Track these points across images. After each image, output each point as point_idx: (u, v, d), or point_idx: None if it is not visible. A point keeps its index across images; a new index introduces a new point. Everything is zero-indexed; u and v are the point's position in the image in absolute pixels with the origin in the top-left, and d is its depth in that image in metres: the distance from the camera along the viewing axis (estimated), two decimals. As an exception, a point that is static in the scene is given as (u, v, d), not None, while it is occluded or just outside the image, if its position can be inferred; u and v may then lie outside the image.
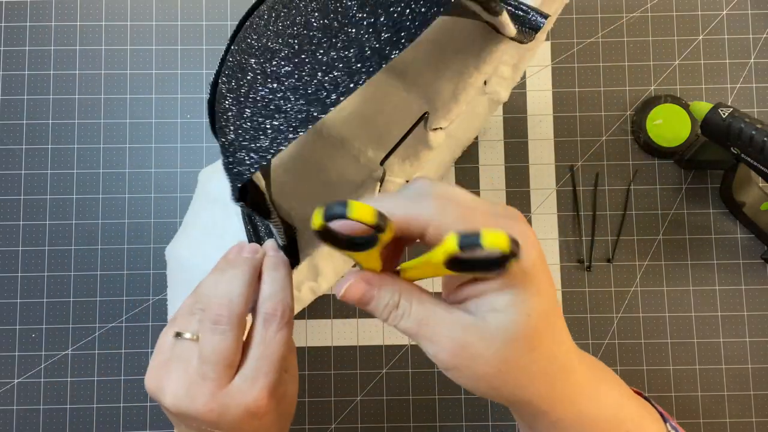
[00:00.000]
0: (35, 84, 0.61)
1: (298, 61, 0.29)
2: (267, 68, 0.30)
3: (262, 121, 0.29)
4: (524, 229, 0.29)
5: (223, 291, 0.32)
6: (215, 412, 0.31)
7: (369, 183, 0.41)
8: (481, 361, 0.28)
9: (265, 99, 0.30)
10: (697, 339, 0.59)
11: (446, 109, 0.41)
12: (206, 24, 0.62)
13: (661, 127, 0.59)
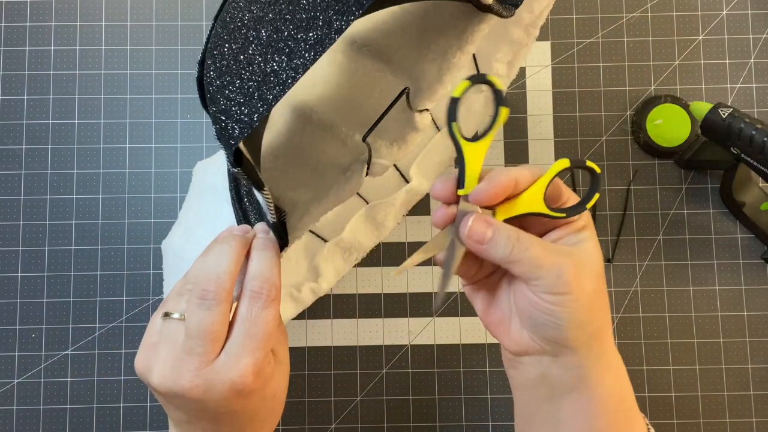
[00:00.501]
0: (35, 84, 0.61)
1: (279, 24, 0.31)
2: (250, 35, 0.32)
3: (250, 84, 0.31)
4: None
5: (209, 266, 0.32)
6: (201, 388, 0.31)
7: (357, 166, 0.42)
8: (587, 281, 0.32)
9: (250, 62, 0.31)
10: (697, 339, 0.59)
11: (431, 90, 0.41)
12: (206, 24, 0.62)
13: (661, 127, 0.59)
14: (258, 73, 0.31)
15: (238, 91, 0.31)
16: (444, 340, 0.59)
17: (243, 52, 0.31)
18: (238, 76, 0.31)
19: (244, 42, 0.32)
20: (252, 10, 0.32)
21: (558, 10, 0.62)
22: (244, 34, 0.32)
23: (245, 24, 0.32)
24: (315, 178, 0.42)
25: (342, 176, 0.42)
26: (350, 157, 0.43)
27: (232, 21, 0.33)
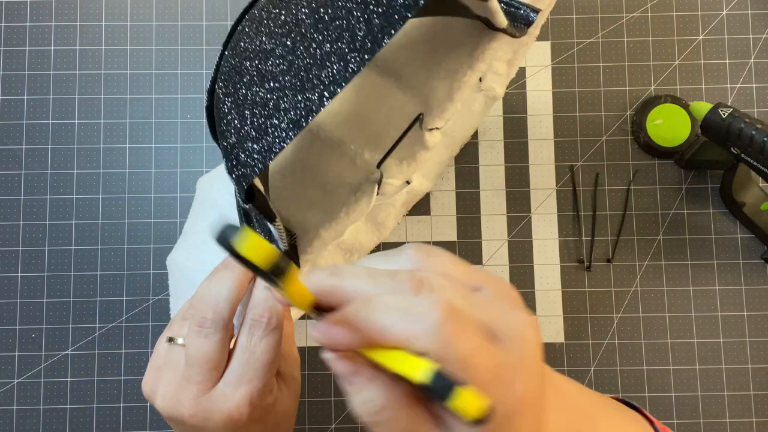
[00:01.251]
0: (35, 84, 0.61)
1: (292, 59, 0.30)
2: (263, 69, 0.30)
3: (262, 121, 0.30)
4: (522, 329, 0.25)
5: (210, 293, 0.32)
6: (199, 416, 0.31)
7: (366, 186, 0.41)
8: None
9: (263, 99, 0.30)
10: (697, 339, 0.59)
11: (441, 108, 0.40)
12: (206, 24, 0.62)
13: (661, 127, 0.59)
14: (272, 109, 0.30)
15: (251, 127, 0.30)
16: (444, 340, 0.59)
17: (255, 85, 0.30)
18: (251, 111, 0.30)
19: (257, 75, 0.30)
20: (263, 40, 0.31)
21: (558, 10, 0.62)
22: (257, 66, 0.31)
23: (257, 55, 0.31)
24: (324, 199, 0.41)
25: (352, 197, 0.41)
26: (360, 176, 0.42)
27: (244, 52, 0.32)
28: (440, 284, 0.25)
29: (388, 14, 0.29)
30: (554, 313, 0.59)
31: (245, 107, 0.30)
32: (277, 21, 0.31)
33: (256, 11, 0.34)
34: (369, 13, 0.29)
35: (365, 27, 0.29)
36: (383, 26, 0.28)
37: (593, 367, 0.59)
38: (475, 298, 0.25)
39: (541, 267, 0.60)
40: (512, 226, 0.60)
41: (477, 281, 0.26)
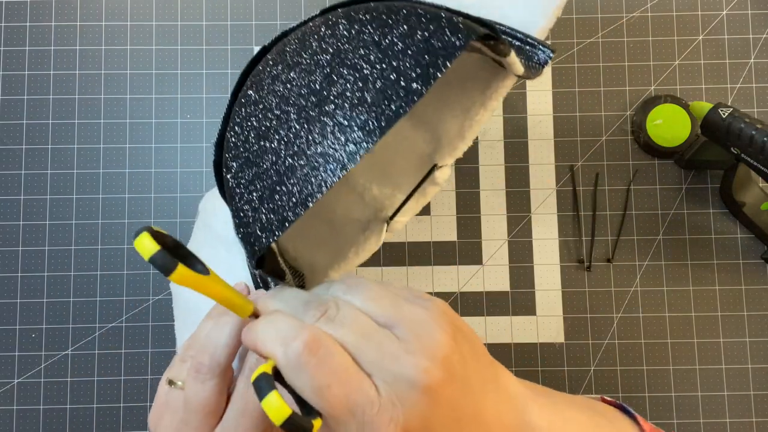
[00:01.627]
0: (35, 84, 0.61)
1: (320, 125, 0.28)
2: (276, 125, 0.29)
3: (278, 189, 0.28)
4: (404, 380, 0.27)
5: (208, 339, 0.31)
6: None
7: (375, 225, 0.40)
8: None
9: (284, 167, 0.28)
10: (697, 339, 0.59)
11: (453, 146, 0.39)
12: (206, 24, 0.62)
13: (661, 127, 0.59)
14: (286, 177, 0.28)
15: (263, 191, 0.28)
16: (444, 340, 0.59)
17: (269, 152, 0.28)
18: (266, 174, 0.28)
19: (270, 135, 0.29)
20: (277, 94, 0.30)
21: (558, 10, 0.62)
22: (270, 126, 0.29)
23: (272, 112, 0.29)
24: (332, 236, 0.40)
25: (361, 236, 0.40)
26: (368, 213, 0.41)
27: (256, 106, 0.30)
28: (344, 316, 0.28)
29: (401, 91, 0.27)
30: (554, 313, 0.59)
31: (257, 168, 0.29)
32: (301, 81, 0.29)
33: (276, 70, 0.31)
34: (388, 79, 0.27)
35: (389, 95, 0.27)
36: (400, 104, 0.27)
37: (593, 367, 0.59)
38: (374, 336, 0.27)
39: (541, 267, 0.60)
40: (512, 226, 0.60)
41: (393, 317, 0.28)
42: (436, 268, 0.60)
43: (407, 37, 0.27)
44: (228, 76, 0.62)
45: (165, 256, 0.24)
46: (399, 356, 0.27)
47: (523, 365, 0.59)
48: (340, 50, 0.29)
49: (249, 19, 0.62)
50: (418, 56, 0.27)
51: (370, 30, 0.29)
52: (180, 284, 0.25)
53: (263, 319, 0.28)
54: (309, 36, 0.31)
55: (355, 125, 0.26)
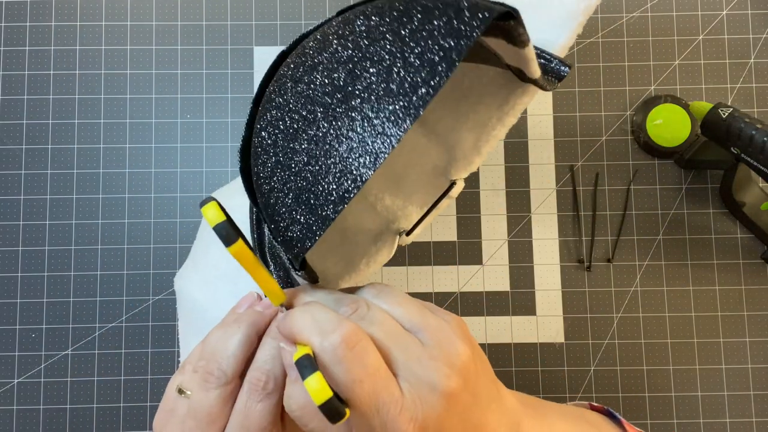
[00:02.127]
0: (35, 84, 0.61)
1: (348, 120, 0.28)
2: (316, 135, 0.29)
3: (314, 189, 0.28)
4: (427, 382, 0.29)
5: (218, 349, 0.31)
6: None
7: (387, 236, 0.39)
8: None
9: (317, 167, 0.28)
10: (697, 339, 0.59)
11: (468, 161, 0.39)
12: (206, 24, 0.62)
13: (661, 127, 0.59)
14: (321, 176, 0.28)
15: (299, 192, 0.28)
16: (444, 340, 0.59)
17: (300, 153, 0.29)
18: (299, 175, 0.28)
19: (299, 136, 0.29)
20: (302, 96, 0.29)
21: (558, 10, 0.62)
22: (298, 127, 0.29)
23: (299, 113, 0.29)
24: (344, 245, 0.40)
25: (373, 247, 0.39)
26: (380, 223, 0.41)
27: (281, 109, 0.30)
28: (374, 315, 0.29)
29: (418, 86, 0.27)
30: (554, 313, 0.59)
31: (291, 170, 0.29)
32: (324, 79, 0.30)
33: (301, 72, 0.31)
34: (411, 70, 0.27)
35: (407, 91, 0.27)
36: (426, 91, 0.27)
37: (593, 367, 0.59)
38: (401, 338, 0.29)
39: (541, 267, 0.60)
40: (512, 226, 0.60)
41: (418, 324, 0.30)
42: (436, 268, 0.60)
43: (426, 22, 0.27)
44: (228, 76, 0.62)
45: (229, 227, 0.26)
46: (423, 360, 0.28)
47: (523, 365, 0.59)
48: (359, 45, 0.29)
49: (249, 19, 0.62)
50: (440, 39, 0.27)
51: (387, 21, 0.29)
52: (236, 257, 0.27)
53: (300, 308, 0.29)
54: (327, 36, 0.31)
55: (383, 116, 0.27)
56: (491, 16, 0.26)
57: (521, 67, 0.33)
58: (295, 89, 0.30)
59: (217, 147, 0.61)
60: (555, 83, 0.35)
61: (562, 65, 0.35)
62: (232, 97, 0.61)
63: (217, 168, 0.61)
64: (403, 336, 0.29)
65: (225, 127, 0.61)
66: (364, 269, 0.38)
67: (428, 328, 0.30)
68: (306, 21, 0.62)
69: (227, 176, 0.61)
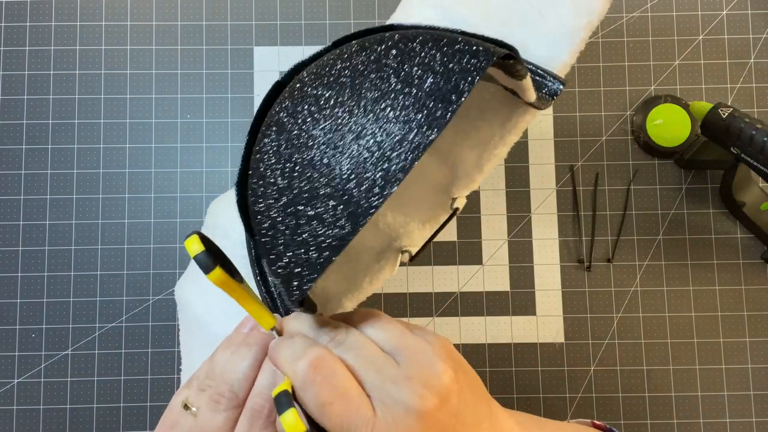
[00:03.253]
0: (35, 84, 0.61)
1: (352, 161, 0.28)
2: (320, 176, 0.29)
3: (316, 227, 0.28)
4: (401, 405, 0.28)
5: (228, 369, 0.32)
6: None
7: (390, 254, 0.39)
8: None
9: (320, 206, 0.28)
10: (697, 339, 0.59)
11: (469, 178, 0.39)
12: (206, 24, 0.62)
13: (661, 127, 0.59)
14: (323, 215, 0.28)
15: (301, 228, 0.28)
16: (444, 340, 0.59)
17: (305, 193, 0.28)
18: (302, 212, 0.28)
19: (304, 174, 0.29)
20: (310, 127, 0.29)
21: (558, 10, 0.62)
22: (303, 165, 0.29)
23: (300, 148, 0.29)
24: (346, 263, 0.39)
25: (375, 265, 0.39)
26: (382, 240, 0.40)
27: (280, 146, 0.30)
28: (352, 340, 0.30)
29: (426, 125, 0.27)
30: (554, 313, 0.59)
31: (298, 216, 0.29)
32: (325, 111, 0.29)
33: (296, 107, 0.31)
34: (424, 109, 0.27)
35: (419, 124, 0.27)
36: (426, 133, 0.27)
37: (593, 367, 0.59)
38: (377, 361, 0.29)
39: (541, 267, 0.60)
40: (512, 226, 0.60)
41: (397, 345, 0.30)
42: (436, 268, 0.60)
43: (426, 65, 0.27)
44: (228, 76, 0.62)
45: (207, 257, 0.28)
46: (398, 381, 0.28)
47: (523, 365, 0.59)
48: (362, 82, 0.28)
49: (249, 19, 0.62)
50: (440, 83, 0.27)
51: (389, 60, 0.28)
52: (215, 284, 0.28)
53: (283, 338, 0.31)
54: (328, 67, 0.30)
55: (388, 149, 0.27)
56: (490, 59, 0.26)
57: (517, 91, 0.33)
58: (296, 123, 0.30)
59: (217, 147, 0.61)
60: (549, 101, 0.35)
61: (557, 83, 0.35)
62: (232, 97, 0.61)
63: (217, 168, 0.61)
64: (379, 359, 0.29)
65: (225, 127, 0.61)
66: (367, 287, 0.38)
67: (406, 349, 0.30)
68: (306, 21, 0.62)
69: (227, 176, 0.61)
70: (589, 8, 0.38)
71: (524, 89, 0.32)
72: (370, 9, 0.62)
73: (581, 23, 0.38)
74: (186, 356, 0.45)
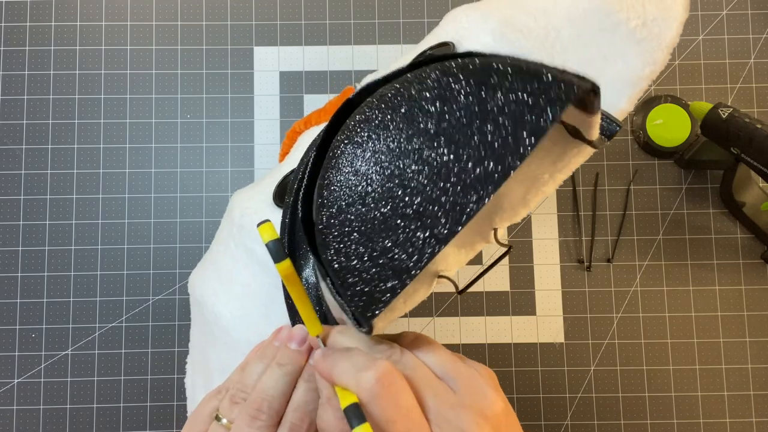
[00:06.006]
0: (35, 84, 0.61)
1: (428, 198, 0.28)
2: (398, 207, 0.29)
3: (394, 254, 0.28)
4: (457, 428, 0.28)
5: (266, 385, 0.32)
6: None
7: (425, 277, 0.39)
8: None
9: (390, 228, 0.28)
10: (697, 339, 0.59)
11: (514, 211, 0.38)
12: (206, 24, 0.62)
13: (661, 127, 0.59)
14: (396, 237, 0.28)
15: (376, 256, 0.28)
16: (444, 340, 0.59)
17: (384, 218, 0.28)
18: (378, 235, 0.28)
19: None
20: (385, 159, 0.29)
21: (558, 10, 0.62)
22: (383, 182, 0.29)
23: (381, 174, 0.29)
24: None
25: (410, 287, 0.39)
26: None
27: (360, 165, 0.29)
28: (407, 361, 0.30)
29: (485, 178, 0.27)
30: (554, 313, 0.59)
31: (366, 228, 0.29)
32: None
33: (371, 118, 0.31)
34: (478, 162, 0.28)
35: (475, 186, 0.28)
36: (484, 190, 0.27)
37: (593, 367, 0.59)
38: (434, 384, 0.29)
39: (541, 267, 0.60)
40: (512, 226, 0.60)
41: (450, 371, 0.30)
42: (436, 268, 0.60)
43: (512, 94, 0.28)
44: (228, 76, 0.62)
45: (280, 246, 0.28)
46: (456, 407, 0.29)
47: (523, 365, 0.59)
48: (451, 114, 0.29)
49: (249, 19, 0.62)
50: (525, 111, 0.27)
51: (471, 88, 0.29)
52: (282, 274, 0.29)
53: (340, 352, 0.30)
54: (407, 96, 0.30)
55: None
56: (575, 92, 0.26)
57: (580, 127, 0.33)
58: (376, 149, 0.29)
59: (217, 147, 0.61)
60: (605, 141, 0.36)
61: (614, 124, 0.35)
62: (232, 97, 0.61)
63: (217, 168, 0.61)
64: (435, 382, 0.29)
65: (225, 127, 0.61)
66: (401, 307, 0.38)
67: (460, 376, 0.30)
68: (306, 21, 0.62)
69: (227, 176, 0.61)
70: (653, 58, 0.39)
71: (592, 126, 0.32)
72: (371, 9, 0.62)
73: (645, 73, 0.39)
74: (199, 354, 0.44)
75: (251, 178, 0.61)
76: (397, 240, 0.28)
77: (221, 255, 0.43)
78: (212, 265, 0.44)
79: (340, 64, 0.62)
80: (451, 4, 0.62)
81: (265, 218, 0.29)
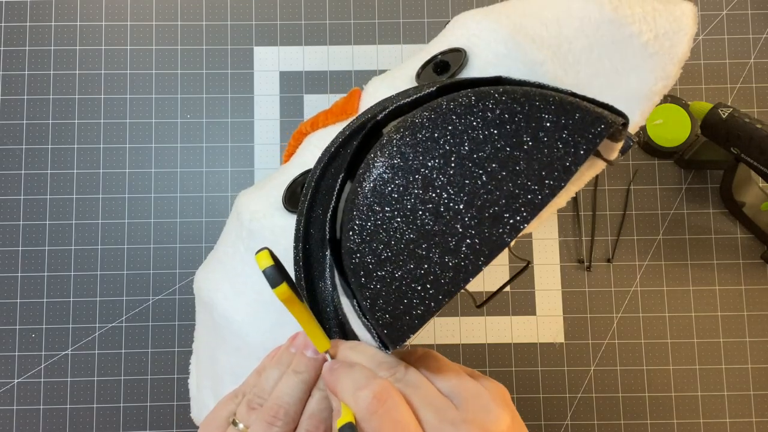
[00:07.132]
0: (35, 84, 0.61)
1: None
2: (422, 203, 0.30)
3: (426, 280, 0.29)
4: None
5: (283, 392, 0.32)
6: None
7: None
8: None
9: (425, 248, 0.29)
10: (697, 339, 0.59)
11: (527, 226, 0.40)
12: (206, 24, 0.62)
13: (661, 127, 0.59)
14: (433, 258, 0.29)
15: (408, 276, 0.29)
16: (444, 340, 0.59)
17: (410, 232, 0.29)
18: (411, 258, 0.29)
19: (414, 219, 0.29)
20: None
21: (558, 10, 0.62)
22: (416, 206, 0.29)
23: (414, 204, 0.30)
24: None
25: None
26: None
27: (390, 195, 0.30)
28: (411, 378, 0.30)
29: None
30: (554, 313, 0.59)
31: (399, 250, 0.29)
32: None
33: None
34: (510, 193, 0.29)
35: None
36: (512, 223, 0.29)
37: (593, 367, 0.59)
38: (436, 401, 0.30)
39: (541, 267, 0.60)
40: (512, 226, 0.60)
41: (455, 388, 0.30)
42: (436, 268, 0.60)
43: (547, 130, 0.29)
44: (228, 76, 0.62)
45: (275, 272, 0.29)
46: (456, 423, 0.28)
47: (523, 365, 0.59)
48: (474, 149, 0.30)
49: (249, 19, 0.62)
50: (561, 149, 0.28)
51: (504, 119, 0.29)
52: (279, 298, 0.29)
53: (345, 367, 0.31)
54: (441, 125, 0.31)
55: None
56: (610, 126, 0.28)
57: (602, 150, 0.34)
58: (410, 171, 0.30)
59: (217, 147, 0.61)
60: (619, 156, 0.36)
61: (628, 139, 0.36)
62: (232, 97, 0.61)
63: (217, 168, 0.61)
64: (438, 399, 0.30)
65: (225, 127, 0.61)
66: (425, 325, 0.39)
67: (465, 392, 0.30)
68: (306, 21, 0.62)
69: (227, 176, 0.61)
70: (666, 73, 0.39)
71: (615, 149, 0.33)
72: (371, 9, 0.62)
73: (658, 87, 0.39)
74: (206, 355, 0.44)
75: (251, 178, 0.61)
76: (431, 267, 0.29)
77: (230, 257, 0.43)
78: (220, 266, 0.43)
79: (340, 64, 0.62)
80: (451, 5, 0.62)
81: (263, 247, 0.29)
